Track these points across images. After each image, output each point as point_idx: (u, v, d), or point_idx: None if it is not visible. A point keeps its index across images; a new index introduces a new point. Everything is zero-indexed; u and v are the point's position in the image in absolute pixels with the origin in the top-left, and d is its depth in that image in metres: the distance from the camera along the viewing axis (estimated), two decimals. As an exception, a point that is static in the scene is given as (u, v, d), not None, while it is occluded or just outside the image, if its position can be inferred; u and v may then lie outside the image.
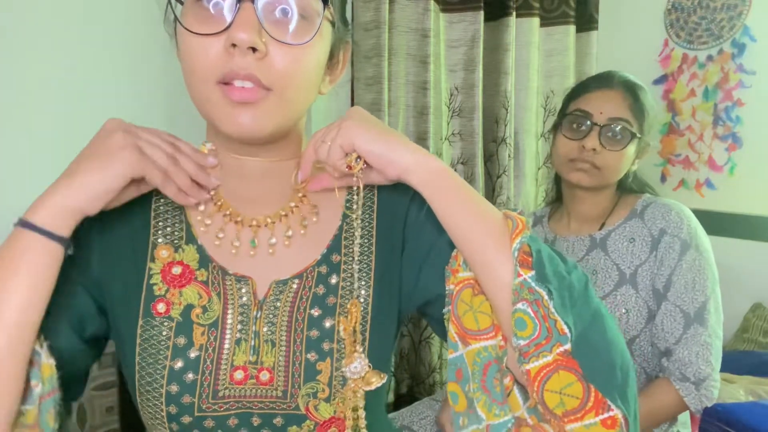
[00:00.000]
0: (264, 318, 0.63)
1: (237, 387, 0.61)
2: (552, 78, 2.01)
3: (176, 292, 0.62)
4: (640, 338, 1.09)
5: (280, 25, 0.56)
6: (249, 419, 0.61)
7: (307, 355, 0.62)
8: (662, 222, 1.09)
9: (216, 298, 0.63)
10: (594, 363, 0.56)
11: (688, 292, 1.04)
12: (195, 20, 0.56)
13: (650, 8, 2.16)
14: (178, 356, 0.60)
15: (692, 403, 1.02)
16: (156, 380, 0.60)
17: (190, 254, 0.64)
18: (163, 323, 0.61)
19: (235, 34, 0.53)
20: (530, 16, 1.90)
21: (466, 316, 0.62)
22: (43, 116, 1.53)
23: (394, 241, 0.68)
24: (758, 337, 1.83)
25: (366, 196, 0.69)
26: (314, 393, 0.61)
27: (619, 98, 1.10)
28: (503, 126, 1.84)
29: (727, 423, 1.26)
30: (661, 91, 2.15)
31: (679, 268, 1.05)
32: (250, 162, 0.65)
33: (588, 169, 1.11)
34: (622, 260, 1.11)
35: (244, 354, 0.62)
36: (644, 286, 1.09)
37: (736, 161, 1.99)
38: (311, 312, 0.63)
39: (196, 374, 0.60)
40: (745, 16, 1.94)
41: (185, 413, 0.60)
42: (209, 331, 0.61)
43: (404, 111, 1.72)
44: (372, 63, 1.61)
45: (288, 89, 0.57)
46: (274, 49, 0.56)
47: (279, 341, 0.62)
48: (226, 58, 0.54)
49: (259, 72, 0.55)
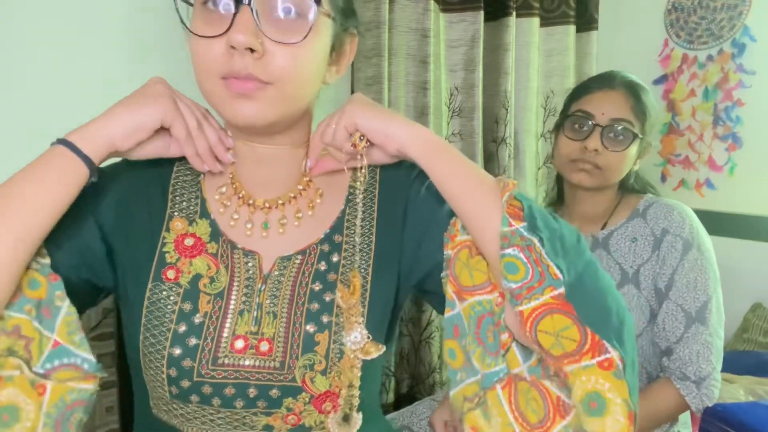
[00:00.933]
0: (267, 291, 0.66)
1: (237, 355, 0.63)
2: (552, 78, 2.01)
3: (187, 261, 0.66)
4: (642, 337, 1.09)
5: (278, 23, 0.59)
6: (245, 390, 0.63)
7: (306, 326, 0.65)
8: (664, 222, 1.09)
9: (224, 270, 0.66)
10: (589, 307, 0.58)
11: (689, 292, 1.05)
12: (202, 21, 0.60)
13: (650, 8, 2.16)
14: (182, 320, 0.64)
15: (693, 402, 1.02)
16: (159, 342, 0.63)
17: (203, 228, 0.69)
18: (171, 288, 0.65)
19: (233, 36, 0.57)
20: (530, 16, 1.89)
21: (463, 274, 0.65)
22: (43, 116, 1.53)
23: (395, 219, 0.72)
24: (758, 337, 1.83)
25: (369, 177, 0.73)
26: (311, 365, 0.64)
27: (621, 99, 1.10)
28: (503, 126, 1.84)
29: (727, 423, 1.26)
30: (661, 91, 2.15)
31: (681, 268, 1.05)
32: (261, 148, 0.69)
33: (590, 169, 1.11)
34: (624, 260, 1.11)
35: (246, 324, 0.65)
36: (646, 286, 1.09)
37: (736, 161, 1.99)
38: (312, 286, 0.67)
39: (198, 339, 0.63)
40: (745, 16, 1.94)
41: (184, 377, 0.62)
42: (215, 300, 0.65)
43: (404, 111, 1.72)
44: (372, 63, 1.61)
45: (287, 84, 0.61)
46: (271, 47, 0.59)
47: (280, 313, 0.65)
48: (227, 57, 0.59)
49: (257, 70, 0.59)
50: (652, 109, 1.12)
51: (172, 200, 0.70)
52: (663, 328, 1.06)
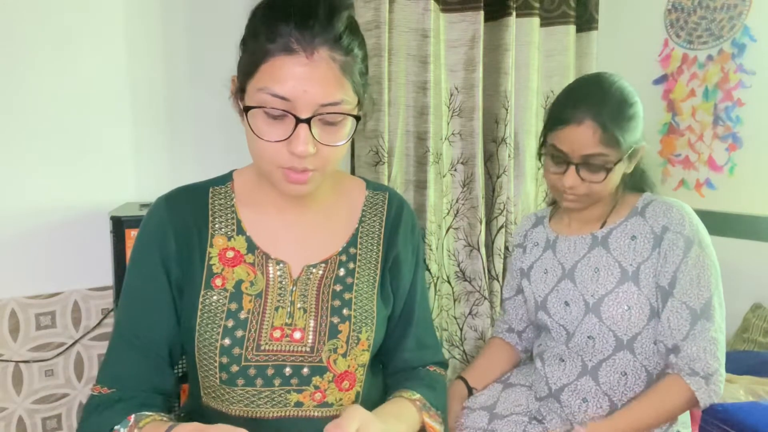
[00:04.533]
0: (298, 291, 0.83)
1: (275, 342, 0.81)
2: (552, 78, 2.01)
3: (230, 270, 0.82)
4: (642, 335, 1.10)
5: (325, 127, 0.74)
6: (282, 369, 0.81)
7: (331, 318, 0.83)
8: (664, 219, 1.09)
9: (260, 276, 0.83)
10: None
11: (693, 288, 1.05)
12: (264, 122, 0.73)
13: (650, 8, 2.17)
14: (230, 317, 0.80)
15: (703, 398, 1.02)
16: (212, 336, 0.79)
17: (240, 242, 0.84)
18: (220, 293, 0.81)
19: (294, 148, 0.72)
20: (530, 16, 1.89)
21: None
22: (43, 116, 1.53)
23: (390, 252, 0.92)
24: (758, 337, 1.83)
25: (379, 204, 0.94)
26: (335, 348, 0.82)
27: (587, 134, 1.05)
28: (503, 126, 1.84)
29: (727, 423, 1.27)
30: (661, 91, 2.15)
31: (684, 265, 1.06)
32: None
33: (575, 198, 1.12)
34: (623, 258, 1.12)
35: (281, 318, 0.82)
36: (646, 284, 1.09)
37: (736, 161, 1.99)
38: (334, 287, 0.85)
39: (244, 330, 0.80)
40: (745, 16, 1.94)
41: (234, 363, 0.79)
42: (255, 299, 0.82)
43: (404, 111, 1.72)
44: (372, 63, 1.61)
45: (330, 167, 0.78)
46: (321, 147, 0.74)
47: (309, 308, 0.83)
48: (288, 155, 0.73)
49: (310, 164, 0.74)
50: (628, 125, 1.06)
51: (212, 221, 0.85)
52: (668, 326, 1.06)
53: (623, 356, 1.10)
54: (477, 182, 1.81)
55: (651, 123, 2.14)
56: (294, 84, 0.69)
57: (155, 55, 1.59)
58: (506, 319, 1.37)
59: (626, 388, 1.11)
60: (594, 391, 1.12)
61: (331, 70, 0.71)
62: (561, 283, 1.18)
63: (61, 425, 1.63)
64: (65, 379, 1.63)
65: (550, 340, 1.21)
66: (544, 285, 1.22)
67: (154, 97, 1.62)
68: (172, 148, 1.66)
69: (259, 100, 0.71)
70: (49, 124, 1.52)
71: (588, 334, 1.12)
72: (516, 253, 1.34)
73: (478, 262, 1.83)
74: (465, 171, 1.84)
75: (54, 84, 1.50)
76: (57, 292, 1.59)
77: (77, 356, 1.63)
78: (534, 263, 1.26)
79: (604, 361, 1.12)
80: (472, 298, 1.86)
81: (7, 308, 1.52)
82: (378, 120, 1.63)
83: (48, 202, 1.55)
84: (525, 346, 1.36)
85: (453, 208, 1.85)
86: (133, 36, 1.58)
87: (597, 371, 1.12)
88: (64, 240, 1.58)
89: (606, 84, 1.09)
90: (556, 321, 1.18)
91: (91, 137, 1.57)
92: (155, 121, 1.64)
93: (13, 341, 1.54)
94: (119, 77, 1.58)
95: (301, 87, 0.69)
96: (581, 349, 1.14)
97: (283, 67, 0.69)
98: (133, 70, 1.59)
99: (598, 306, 1.11)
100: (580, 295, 1.14)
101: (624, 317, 1.09)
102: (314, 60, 0.70)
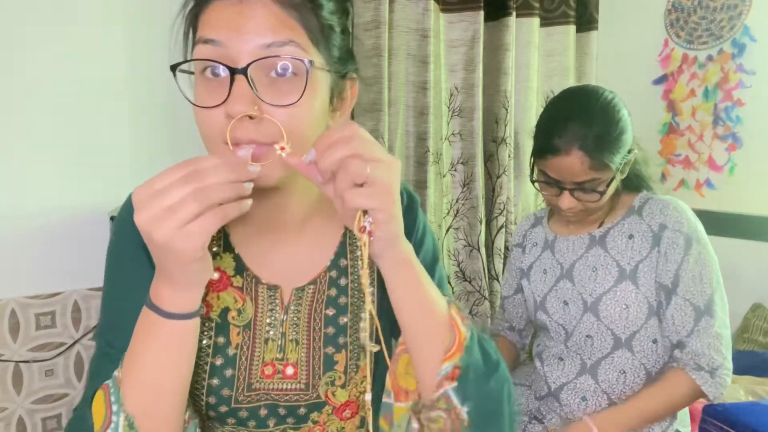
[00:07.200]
0: (289, 320, 0.71)
1: (266, 381, 0.70)
2: (552, 78, 2.01)
3: (215, 295, 0.69)
4: (640, 333, 1.10)
5: (275, 84, 0.59)
6: (276, 409, 0.70)
7: (325, 350, 0.71)
8: (661, 217, 1.10)
9: (249, 302, 0.70)
10: None
11: (696, 285, 1.06)
12: (204, 90, 0.60)
13: (650, 8, 2.17)
14: (218, 354, 0.69)
15: (709, 391, 1.04)
16: (199, 374, 0.67)
17: (227, 261, 0.71)
18: (204, 324, 0.68)
19: (230, 107, 0.56)
20: (530, 16, 1.89)
21: (404, 378, 0.68)
22: (42, 116, 1.53)
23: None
24: (758, 337, 1.83)
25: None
26: (332, 381, 0.71)
27: (576, 163, 1.04)
28: (503, 126, 1.84)
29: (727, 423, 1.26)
30: (661, 91, 2.15)
31: (686, 263, 1.06)
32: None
33: (574, 215, 1.13)
34: (621, 257, 1.12)
35: (272, 351, 0.70)
36: (645, 282, 1.09)
37: (736, 161, 1.99)
38: (326, 312, 0.72)
39: (234, 370, 0.69)
40: (745, 16, 1.94)
41: (223, 404, 0.69)
42: (243, 331, 0.70)
43: (404, 111, 1.72)
44: (372, 63, 1.61)
45: (297, 139, 0.59)
46: (270, 109, 0.58)
47: (301, 340, 0.71)
48: (228, 124, 0.57)
49: (258, 134, 0.58)
50: (616, 146, 1.05)
51: None
52: (672, 323, 1.07)
53: (622, 354, 1.11)
54: (477, 182, 1.81)
55: (651, 123, 2.15)
56: (227, 23, 0.58)
57: (156, 55, 1.60)
58: (507, 318, 1.37)
59: (625, 386, 1.11)
60: (593, 389, 1.12)
61: (272, 6, 0.58)
62: (560, 282, 1.18)
63: (61, 425, 1.63)
64: (65, 379, 1.63)
65: (549, 339, 1.21)
66: (543, 285, 1.22)
67: (154, 98, 1.62)
68: (172, 148, 1.66)
69: (194, 55, 0.60)
70: (49, 125, 1.52)
71: (586, 333, 1.13)
72: (515, 252, 1.34)
73: (478, 262, 1.83)
74: (465, 171, 1.84)
75: (54, 84, 1.50)
76: (57, 292, 1.59)
77: (77, 356, 1.63)
78: (533, 263, 1.26)
79: (602, 360, 1.12)
80: (472, 298, 1.86)
81: (7, 308, 1.52)
82: (378, 120, 1.63)
83: (48, 202, 1.55)
84: (524, 343, 1.37)
85: (453, 208, 1.85)
86: (133, 36, 1.58)
87: (596, 370, 1.12)
88: (64, 240, 1.58)
89: (588, 104, 1.07)
90: (555, 320, 1.18)
91: (92, 137, 1.57)
92: (155, 121, 1.65)
93: (13, 341, 1.54)
94: (119, 77, 1.58)
95: (234, 24, 0.57)
96: (580, 348, 1.14)
97: (216, 10, 0.59)
98: (134, 71, 1.60)
99: (596, 305, 1.11)
100: (579, 294, 1.14)
101: (622, 316, 1.09)
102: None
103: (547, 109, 1.15)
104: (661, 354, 1.11)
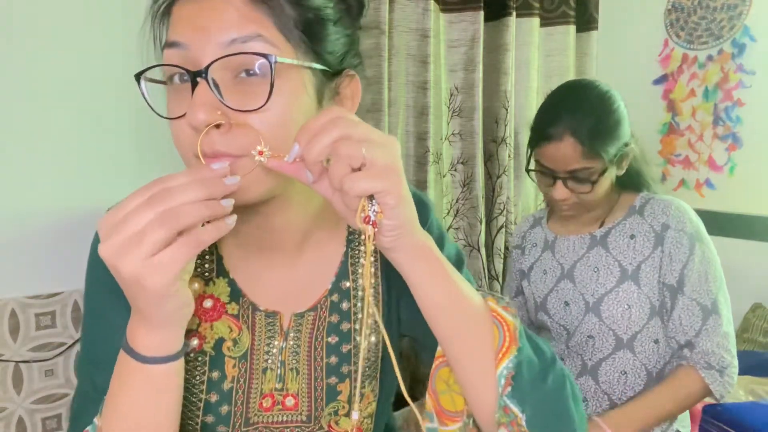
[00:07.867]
0: (288, 348, 0.65)
1: (265, 414, 0.64)
2: (552, 78, 2.01)
3: (208, 326, 0.63)
4: (642, 334, 1.10)
5: (244, 85, 0.51)
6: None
7: (327, 380, 0.65)
8: (663, 217, 1.10)
9: (246, 331, 0.64)
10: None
11: (702, 285, 1.06)
12: (173, 97, 0.55)
13: (650, 8, 2.17)
14: (213, 390, 0.63)
15: (718, 389, 1.04)
16: (192, 411, 0.62)
17: (221, 287, 0.64)
18: (197, 358, 0.62)
19: (190, 116, 0.49)
20: (530, 16, 1.90)
21: (444, 396, 0.62)
22: (43, 116, 1.53)
23: (394, 278, 0.67)
24: (758, 337, 1.83)
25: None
26: (335, 411, 0.66)
27: (569, 150, 1.05)
28: (503, 126, 1.84)
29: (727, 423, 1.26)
30: (661, 91, 2.15)
31: (692, 263, 1.07)
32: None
33: (569, 208, 1.13)
34: (623, 257, 1.12)
35: (270, 381, 0.64)
36: (647, 282, 1.09)
37: (736, 161, 1.99)
38: (328, 339, 0.66)
39: (230, 405, 0.63)
40: (745, 16, 1.94)
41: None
42: (239, 362, 0.63)
43: (404, 111, 1.72)
44: (372, 63, 1.61)
45: (276, 143, 0.50)
46: (240, 116, 0.50)
47: (302, 369, 0.65)
48: (195, 135, 0.50)
49: (226, 146, 0.50)
50: (609, 136, 1.06)
51: None
52: (680, 323, 1.07)
53: (623, 355, 1.10)
54: (477, 182, 1.81)
55: (651, 123, 2.15)
56: (189, 22, 0.52)
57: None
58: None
59: (626, 386, 1.11)
60: (593, 390, 1.12)
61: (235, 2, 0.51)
62: (560, 283, 1.18)
63: (61, 425, 1.63)
64: (65, 379, 1.63)
65: (550, 340, 1.21)
66: (543, 285, 1.22)
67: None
68: (172, 148, 1.66)
69: (163, 61, 0.55)
70: (49, 125, 1.52)
71: (588, 334, 1.13)
72: (515, 254, 1.34)
73: (478, 262, 1.83)
74: (465, 171, 1.84)
75: (54, 84, 1.50)
76: (57, 292, 1.59)
77: (77, 356, 1.63)
78: (533, 264, 1.26)
79: (603, 360, 1.12)
80: (472, 298, 1.86)
81: (7, 308, 1.52)
82: (378, 120, 1.63)
83: (48, 202, 1.55)
84: None
85: (453, 208, 1.85)
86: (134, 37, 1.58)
87: (597, 370, 1.12)
88: (64, 240, 1.58)
89: (584, 94, 1.09)
90: (556, 321, 1.18)
91: (92, 137, 1.57)
92: (157, 121, 1.65)
93: (13, 341, 1.54)
94: (120, 78, 1.58)
95: (197, 23, 0.51)
96: (581, 349, 1.14)
97: (179, 10, 0.54)
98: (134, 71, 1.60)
99: (598, 305, 1.11)
100: (580, 294, 1.14)
101: (624, 316, 1.09)
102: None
103: (544, 101, 1.18)
104: (662, 354, 1.11)
